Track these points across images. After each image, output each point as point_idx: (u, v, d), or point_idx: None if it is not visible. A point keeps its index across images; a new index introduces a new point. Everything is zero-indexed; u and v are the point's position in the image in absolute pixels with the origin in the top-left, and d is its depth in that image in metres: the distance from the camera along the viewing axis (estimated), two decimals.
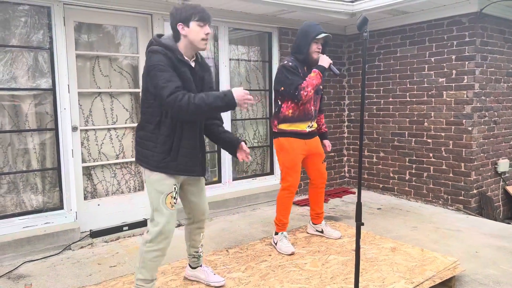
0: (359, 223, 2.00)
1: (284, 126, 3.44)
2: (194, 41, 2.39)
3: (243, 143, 2.61)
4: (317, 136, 3.64)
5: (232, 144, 2.63)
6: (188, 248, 2.85)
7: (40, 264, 3.43)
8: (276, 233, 3.52)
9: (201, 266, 2.89)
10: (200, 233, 2.81)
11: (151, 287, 2.51)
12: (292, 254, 3.32)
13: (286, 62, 3.37)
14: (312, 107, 3.47)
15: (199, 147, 2.54)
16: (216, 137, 2.69)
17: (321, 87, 3.58)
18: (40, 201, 3.87)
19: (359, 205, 1.99)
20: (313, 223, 3.80)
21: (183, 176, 2.51)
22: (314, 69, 3.33)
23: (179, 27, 2.38)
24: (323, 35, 3.33)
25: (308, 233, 3.84)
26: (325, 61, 3.35)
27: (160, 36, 2.47)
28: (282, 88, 3.36)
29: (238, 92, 2.26)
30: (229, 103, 2.25)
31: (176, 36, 2.43)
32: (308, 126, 3.47)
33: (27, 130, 3.77)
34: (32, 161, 3.82)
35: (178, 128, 2.40)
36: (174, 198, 2.46)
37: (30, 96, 3.77)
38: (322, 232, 3.74)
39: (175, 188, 2.47)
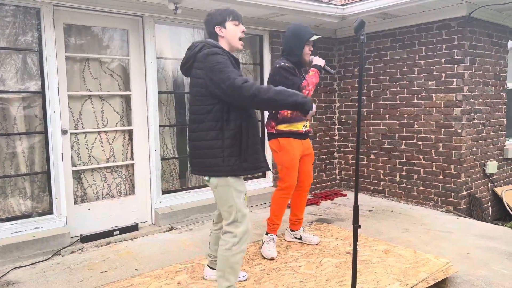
0: (356, 226, 1.99)
1: (282, 127, 3.41)
2: (231, 41, 2.49)
3: None
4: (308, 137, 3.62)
5: None
6: (214, 251, 2.87)
7: (29, 270, 3.36)
8: (267, 233, 3.51)
9: None
10: None
11: None
12: (272, 259, 3.28)
13: (283, 63, 3.36)
14: None
15: (261, 141, 2.56)
16: None
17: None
18: (29, 206, 3.80)
19: (356, 208, 1.98)
20: (291, 230, 3.71)
21: (250, 174, 2.52)
22: (312, 68, 3.37)
23: (217, 29, 2.46)
24: (316, 37, 3.37)
25: (286, 240, 3.74)
26: (319, 61, 3.41)
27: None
28: None
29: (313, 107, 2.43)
30: (307, 103, 2.32)
31: (215, 39, 2.50)
32: (304, 126, 3.45)
33: (16, 134, 3.70)
34: (21, 165, 3.74)
35: (243, 127, 2.38)
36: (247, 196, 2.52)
37: (18, 99, 3.70)
38: (300, 238, 3.67)
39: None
